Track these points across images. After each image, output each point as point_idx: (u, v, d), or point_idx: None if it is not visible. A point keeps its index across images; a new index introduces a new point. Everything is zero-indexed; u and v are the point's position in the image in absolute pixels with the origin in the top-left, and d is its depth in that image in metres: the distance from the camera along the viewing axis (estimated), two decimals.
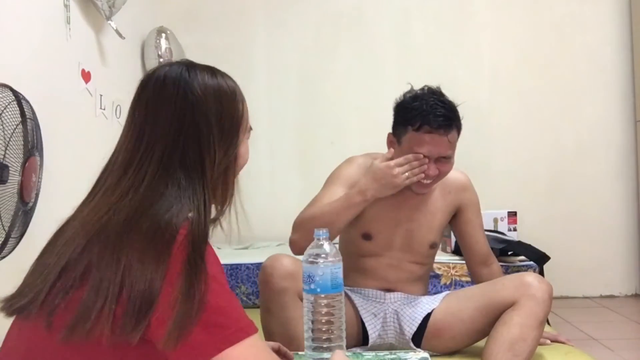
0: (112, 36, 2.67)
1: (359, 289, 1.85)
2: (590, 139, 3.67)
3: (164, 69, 0.99)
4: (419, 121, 1.68)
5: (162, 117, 0.94)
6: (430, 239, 1.85)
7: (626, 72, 3.67)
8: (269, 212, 3.66)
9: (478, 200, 1.93)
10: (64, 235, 0.92)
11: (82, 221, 0.90)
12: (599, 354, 2.48)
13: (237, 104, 1.00)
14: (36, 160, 1.69)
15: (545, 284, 1.65)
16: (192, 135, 0.94)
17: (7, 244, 1.54)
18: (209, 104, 0.96)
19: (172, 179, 0.91)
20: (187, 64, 1.00)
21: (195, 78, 0.97)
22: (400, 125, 1.75)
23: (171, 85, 0.96)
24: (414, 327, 1.76)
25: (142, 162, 0.92)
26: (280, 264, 1.63)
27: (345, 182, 1.79)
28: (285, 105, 3.74)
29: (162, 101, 0.95)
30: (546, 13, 3.70)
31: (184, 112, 0.94)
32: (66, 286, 0.85)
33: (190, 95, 0.95)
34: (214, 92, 0.97)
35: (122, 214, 0.87)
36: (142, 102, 0.98)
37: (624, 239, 3.66)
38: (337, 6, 3.75)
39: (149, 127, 0.94)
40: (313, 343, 1.20)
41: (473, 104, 3.64)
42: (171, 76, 0.97)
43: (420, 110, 1.68)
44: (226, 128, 0.97)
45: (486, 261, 1.92)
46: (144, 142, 0.94)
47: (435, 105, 1.68)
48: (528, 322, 1.59)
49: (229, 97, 0.99)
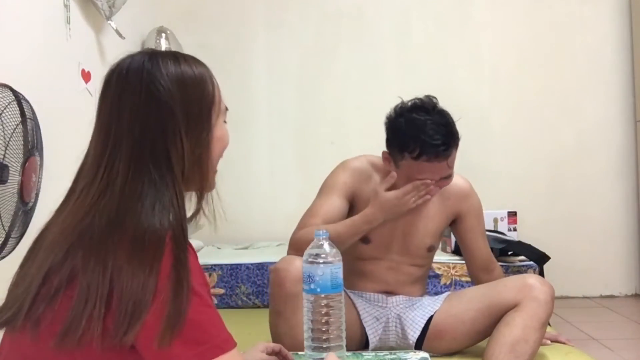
0: (112, 36, 2.67)
1: (360, 292, 1.84)
2: (590, 139, 3.67)
3: (126, 61, 0.97)
4: (417, 150, 1.63)
5: (127, 111, 0.92)
6: (427, 243, 1.84)
7: (626, 72, 3.67)
8: (269, 212, 3.66)
9: (480, 206, 1.90)
10: (44, 242, 0.91)
11: (61, 226, 0.89)
12: (599, 354, 2.47)
13: (205, 88, 0.97)
14: (36, 160, 1.69)
15: (547, 286, 1.65)
16: (158, 128, 0.91)
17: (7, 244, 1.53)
18: (173, 93, 0.92)
19: (146, 176, 0.89)
20: (149, 54, 0.97)
21: (157, 68, 0.94)
22: (395, 148, 1.70)
23: (133, 78, 0.93)
24: (417, 332, 1.75)
25: (112, 160, 0.90)
26: (294, 267, 1.59)
27: (341, 191, 1.77)
28: (285, 105, 3.74)
29: (126, 95, 0.93)
30: (546, 13, 3.70)
31: (147, 105, 0.91)
32: (49, 294, 0.84)
33: (152, 87, 0.92)
34: (177, 80, 0.94)
35: (104, 216, 0.86)
36: (106, 99, 0.95)
37: (624, 239, 3.65)
38: (337, 6, 3.75)
39: (114, 123, 0.92)
40: (313, 343, 1.20)
41: (473, 104, 3.65)
42: (133, 68, 0.94)
43: (416, 139, 1.62)
44: (194, 115, 0.94)
45: (487, 267, 1.90)
46: (111, 140, 0.91)
47: (432, 133, 1.62)
48: (530, 324, 1.58)
49: (194, 82, 0.96)
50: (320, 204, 1.78)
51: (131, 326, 0.80)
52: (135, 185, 0.88)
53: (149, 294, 0.80)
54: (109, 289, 0.81)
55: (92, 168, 0.92)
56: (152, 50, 1.00)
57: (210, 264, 2.85)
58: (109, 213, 0.86)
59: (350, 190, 1.78)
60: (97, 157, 0.92)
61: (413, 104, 1.73)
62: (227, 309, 2.76)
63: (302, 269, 1.20)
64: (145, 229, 0.84)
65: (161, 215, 0.86)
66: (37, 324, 0.83)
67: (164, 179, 0.89)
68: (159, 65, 0.94)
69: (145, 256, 0.82)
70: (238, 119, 3.67)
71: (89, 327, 0.80)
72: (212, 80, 0.99)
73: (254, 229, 3.57)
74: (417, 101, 1.73)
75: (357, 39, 3.74)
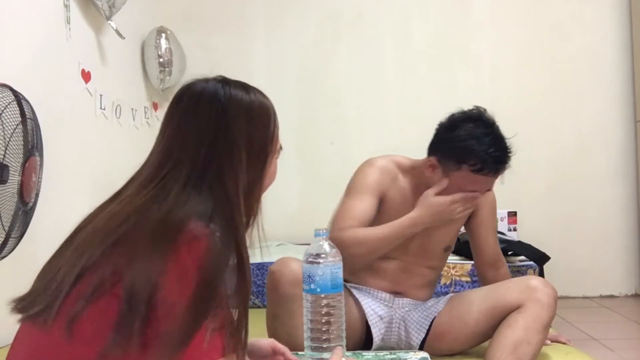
0: (112, 36, 2.67)
1: (368, 288, 1.83)
2: (590, 139, 3.67)
3: (200, 84, 0.99)
4: (478, 165, 1.62)
5: (192, 137, 0.93)
6: (445, 242, 1.84)
7: (626, 72, 3.67)
8: (269, 212, 3.63)
9: (495, 202, 1.90)
10: (77, 239, 0.91)
11: (95, 227, 0.89)
12: (599, 354, 2.47)
13: (269, 125, 1.00)
14: (36, 160, 1.69)
15: (550, 288, 1.65)
16: (221, 158, 0.93)
17: (7, 244, 1.54)
18: (241, 125, 0.95)
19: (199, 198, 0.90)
20: (222, 81, 0.99)
21: (229, 96, 0.96)
22: (451, 159, 1.67)
23: (206, 104, 0.95)
24: (422, 333, 1.75)
25: (168, 178, 0.91)
26: (289, 269, 1.58)
27: (374, 191, 1.74)
28: (285, 105, 3.71)
29: (195, 119, 0.95)
30: (546, 13, 3.70)
31: (215, 133, 0.93)
32: (87, 293, 0.83)
33: (222, 115, 0.94)
34: (247, 113, 0.96)
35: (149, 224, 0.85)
36: (174, 119, 0.97)
37: (624, 239, 3.65)
38: (337, 6, 3.75)
39: (178, 145, 0.94)
40: (312, 343, 1.20)
41: (473, 103, 3.64)
42: (206, 94, 0.96)
43: (479, 154, 1.62)
44: (256, 151, 0.97)
45: (495, 264, 1.90)
46: (172, 161, 0.93)
47: (495, 149, 1.63)
48: (533, 326, 1.58)
49: (261, 118, 0.99)
50: (354, 204, 1.73)
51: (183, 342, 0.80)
52: (186, 201, 0.88)
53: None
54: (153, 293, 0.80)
55: (145, 181, 0.93)
56: (224, 79, 1.01)
57: None
58: (154, 222, 0.85)
59: (381, 189, 1.76)
60: (153, 173, 0.93)
61: (471, 115, 1.72)
62: None
63: (302, 268, 1.20)
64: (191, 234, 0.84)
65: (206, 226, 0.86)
66: (73, 322, 0.82)
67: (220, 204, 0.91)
68: (231, 94, 0.97)
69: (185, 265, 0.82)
70: None
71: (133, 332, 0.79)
72: (274, 117, 1.02)
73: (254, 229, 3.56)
74: (474, 112, 1.73)
75: (357, 39, 3.74)
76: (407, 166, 1.80)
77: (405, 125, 3.59)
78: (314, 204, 3.79)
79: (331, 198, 4.17)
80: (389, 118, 3.66)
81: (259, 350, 1.24)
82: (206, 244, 0.84)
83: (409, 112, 3.63)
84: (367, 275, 1.82)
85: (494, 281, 1.84)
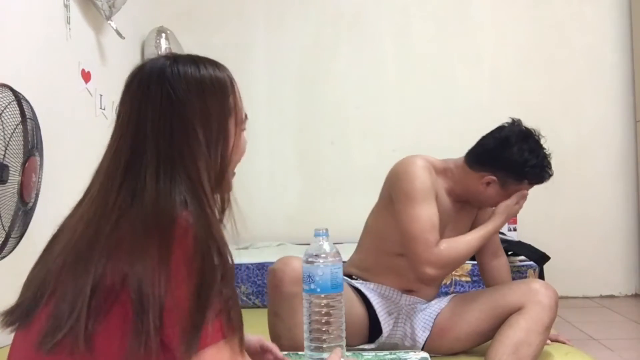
0: (112, 36, 2.67)
1: (376, 285, 1.83)
2: (590, 139, 3.67)
3: (149, 65, 0.95)
4: (537, 180, 1.82)
5: (148, 121, 0.91)
6: None
7: (626, 72, 3.67)
8: (269, 212, 3.66)
9: None
10: (58, 246, 0.90)
11: (81, 233, 0.87)
12: (599, 354, 2.47)
13: (225, 96, 0.96)
14: (36, 160, 1.69)
15: (551, 291, 1.66)
16: (180, 140, 0.90)
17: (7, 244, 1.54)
18: (194, 103, 0.92)
19: (175, 183, 0.88)
20: (171, 58, 0.95)
21: (178, 74, 0.92)
22: (511, 176, 1.79)
23: (155, 85, 0.92)
24: (427, 332, 1.76)
25: (137, 169, 0.89)
26: (291, 268, 1.59)
27: (434, 194, 1.74)
28: (285, 105, 3.74)
29: (146, 103, 0.92)
30: (546, 13, 3.70)
31: (169, 116, 0.91)
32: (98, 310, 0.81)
33: (173, 95, 0.91)
34: (198, 88, 0.93)
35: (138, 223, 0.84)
36: (126, 103, 0.94)
37: (624, 239, 3.65)
38: (337, 6, 3.75)
39: (132, 129, 0.91)
40: (312, 343, 1.20)
41: (473, 103, 3.65)
42: (154, 74, 0.93)
43: (539, 171, 1.80)
44: (214, 128, 0.93)
45: (496, 252, 1.95)
46: (133, 148, 0.90)
47: (547, 164, 1.83)
48: (534, 327, 1.59)
49: (215, 92, 0.95)
50: (429, 215, 1.70)
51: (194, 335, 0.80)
52: (166, 191, 0.87)
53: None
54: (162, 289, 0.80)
55: (107, 177, 0.91)
56: (173, 56, 0.98)
57: None
58: (144, 220, 0.84)
59: (435, 190, 1.76)
60: (114, 165, 0.91)
61: (521, 132, 1.84)
62: None
63: (302, 268, 1.20)
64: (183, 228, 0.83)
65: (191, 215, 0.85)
66: (90, 339, 0.80)
67: (189, 186, 0.89)
68: (179, 72, 0.93)
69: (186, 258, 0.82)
70: None
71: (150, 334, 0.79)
72: (233, 87, 0.98)
73: (254, 229, 3.57)
74: (523, 129, 1.85)
75: (357, 39, 3.74)
76: (440, 167, 1.82)
77: (406, 126, 3.60)
78: (314, 204, 3.80)
79: (331, 198, 4.19)
80: (389, 118, 3.65)
81: (247, 346, 1.24)
82: (195, 234, 0.83)
83: (409, 112, 3.63)
84: (381, 271, 1.82)
85: (496, 270, 1.90)
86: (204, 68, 0.96)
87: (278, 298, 1.61)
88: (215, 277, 0.83)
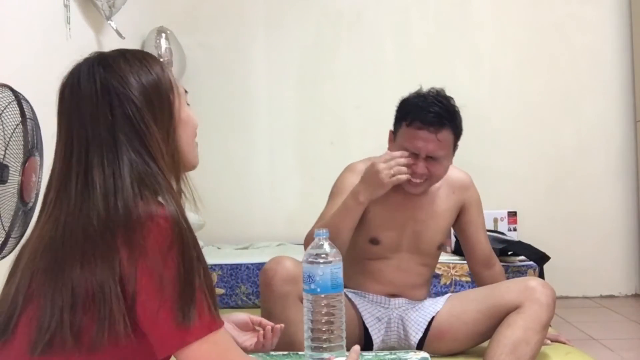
0: (112, 36, 2.67)
1: (364, 293, 1.84)
2: (590, 139, 3.67)
3: (75, 71, 0.96)
4: (412, 116, 1.69)
5: (88, 120, 0.92)
6: (438, 240, 1.85)
7: (626, 72, 3.67)
8: (269, 212, 3.66)
9: (480, 200, 1.92)
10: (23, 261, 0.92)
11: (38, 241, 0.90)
12: (599, 354, 2.47)
13: (159, 77, 0.97)
14: (36, 160, 1.69)
15: (549, 289, 1.66)
16: (124, 126, 0.91)
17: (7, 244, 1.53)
18: (129, 89, 0.92)
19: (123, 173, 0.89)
20: (96, 58, 0.97)
21: (108, 70, 0.94)
22: (397, 121, 1.77)
23: (86, 86, 0.93)
24: (420, 333, 1.75)
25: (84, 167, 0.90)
26: (282, 267, 1.61)
27: (347, 193, 1.75)
28: (285, 105, 3.74)
29: (83, 105, 0.93)
30: (546, 13, 3.69)
31: (108, 105, 0.91)
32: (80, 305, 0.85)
33: (107, 88, 0.92)
34: (130, 75, 0.94)
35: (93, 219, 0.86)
36: (64, 113, 0.95)
37: (624, 239, 3.65)
38: (337, 6, 3.75)
39: (75, 130, 0.92)
40: (313, 343, 1.20)
41: (473, 103, 3.63)
42: (84, 77, 0.94)
43: (415, 106, 1.70)
44: (155, 106, 0.94)
45: (488, 262, 1.92)
46: (77, 150, 0.91)
47: (432, 103, 1.69)
48: (532, 326, 1.59)
49: (147, 74, 0.95)
50: (330, 207, 1.78)
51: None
52: (116, 182, 0.88)
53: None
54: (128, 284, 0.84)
55: (62, 179, 0.92)
56: (98, 54, 0.99)
57: (210, 264, 2.83)
58: (100, 214, 0.86)
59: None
60: (66, 168, 0.92)
61: (428, 89, 1.78)
62: (227, 309, 2.76)
63: (302, 268, 1.20)
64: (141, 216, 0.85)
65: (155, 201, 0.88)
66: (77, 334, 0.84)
67: (147, 168, 0.90)
68: (109, 66, 0.94)
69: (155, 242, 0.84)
70: (238, 119, 3.67)
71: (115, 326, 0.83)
72: (163, 69, 0.99)
73: (254, 229, 3.57)
74: (433, 88, 1.78)
75: (357, 39, 3.73)
76: None
77: None
78: (314, 204, 3.77)
79: None
80: (389, 118, 3.63)
81: (238, 321, 1.29)
82: (161, 222, 0.86)
83: None
84: (363, 279, 1.83)
85: (490, 280, 1.86)
86: (132, 57, 0.97)
87: (270, 297, 1.63)
88: (193, 256, 0.87)
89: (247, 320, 1.29)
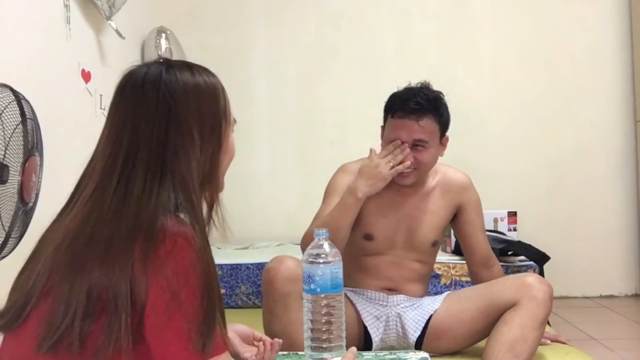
0: (112, 36, 2.67)
1: (362, 290, 1.84)
2: (590, 139, 3.67)
3: (142, 70, 0.97)
4: (395, 107, 1.76)
5: (143, 123, 0.92)
6: (431, 238, 1.85)
7: (626, 72, 3.67)
8: (269, 212, 3.66)
9: (479, 201, 1.92)
10: (47, 249, 0.91)
11: (72, 235, 0.89)
12: (599, 354, 2.47)
13: (218, 100, 0.98)
14: (36, 160, 1.69)
15: (545, 285, 1.65)
16: (176, 140, 0.92)
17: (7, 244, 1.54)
18: (190, 106, 0.94)
19: (163, 186, 0.89)
20: (165, 64, 0.97)
21: (174, 80, 0.94)
22: (384, 115, 1.82)
23: (150, 89, 0.93)
24: (417, 331, 1.76)
25: (128, 171, 0.90)
26: (284, 266, 1.61)
27: (342, 192, 1.77)
28: (285, 105, 3.74)
29: (141, 107, 0.93)
30: (546, 13, 3.70)
31: (165, 118, 0.92)
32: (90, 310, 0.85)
33: (169, 98, 0.93)
34: (194, 92, 0.95)
35: (123, 226, 0.86)
36: (119, 109, 0.95)
37: (624, 239, 3.65)
38: (337, 6, 3.75)
39: (128, 134, 0.92)
40: (312, 343, 1.20)
41: (473, 103, 3.65)
42: (150, 79, 0.94)
43: (399, 98, 1.76)
44: (208, 129, 0.95)
45: (487, 263, 1.92)
46: (124, 151, 0.91)
47: (415, 94, 1.74)
48: (529, 323, 1.59)
49: (209, 96, 0.97)
50: (324, 207, 1.80)
51: None
52: (152, 194, 0.89)
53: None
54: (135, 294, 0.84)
55: (102, 178, 0.92)
56: (167, 61, 0.99)
57: None
58: (128, 223, 0.86)
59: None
60: (109, 167, 0.92)
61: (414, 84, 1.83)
62: (227, 309, 2.73)
63: (302, 268, 1.20)
64: (164, 231, 0.85)
65: (181, 221, 0.88)
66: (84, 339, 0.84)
67: (181, 187, 0.91)
68: (176, 77, 0.95)
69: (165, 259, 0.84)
70: (238, 119, 3.67)
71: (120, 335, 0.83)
72: (223, 93, 1.01)
73: (254, 229, 3.57)
74: (419, 82, 1.85)
75: (357, 38, 3.73)
76: None
77: None
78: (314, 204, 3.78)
79: None
80: None
81: (241, 333, 1.29)
82: (187, 240, 0.86)
83: None
84: (358, 275, 1.84)
85: (489, 280, 1.85)
86: (198, 74, 0.98)
87: (271, 296, 1.62)
88: (216, 282, 0.88)
89: (250, 334, 1.29)
